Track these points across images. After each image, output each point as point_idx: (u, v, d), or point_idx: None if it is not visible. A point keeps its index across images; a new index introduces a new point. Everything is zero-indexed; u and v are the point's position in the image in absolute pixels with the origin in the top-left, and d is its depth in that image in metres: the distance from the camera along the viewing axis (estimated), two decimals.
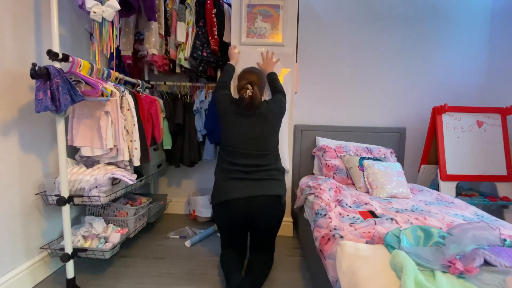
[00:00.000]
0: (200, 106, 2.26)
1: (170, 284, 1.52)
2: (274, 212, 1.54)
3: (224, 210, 1.52)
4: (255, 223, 1.53)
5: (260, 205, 1.49)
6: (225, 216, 1.53)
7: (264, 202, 1.49)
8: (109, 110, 1.49)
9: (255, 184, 1.51)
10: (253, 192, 1.48)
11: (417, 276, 0.79)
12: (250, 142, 1.56)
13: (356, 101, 2.58)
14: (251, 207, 1.48)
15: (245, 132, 1.56)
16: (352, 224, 1.30)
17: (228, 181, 1.54)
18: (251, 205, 1.48)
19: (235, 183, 1.52)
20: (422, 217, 1.36)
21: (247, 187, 1.50)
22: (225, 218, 1.54)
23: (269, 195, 1.50)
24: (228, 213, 1.51)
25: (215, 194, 1.56)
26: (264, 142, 1.58)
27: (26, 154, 1.42)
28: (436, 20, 2.50)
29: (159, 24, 2.03)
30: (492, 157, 2.22)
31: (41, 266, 1.52)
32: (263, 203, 1.49)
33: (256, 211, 1.49)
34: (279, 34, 1.99)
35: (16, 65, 1.35)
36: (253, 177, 1.53)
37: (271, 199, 1.51)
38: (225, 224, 1.58)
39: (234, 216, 1.50)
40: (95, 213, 1.83)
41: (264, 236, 1.61)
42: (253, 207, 1.48)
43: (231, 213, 1.50)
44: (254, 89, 1.53)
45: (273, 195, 1.51)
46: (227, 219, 1.54)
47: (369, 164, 2.01)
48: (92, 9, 1.32)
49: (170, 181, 2.67)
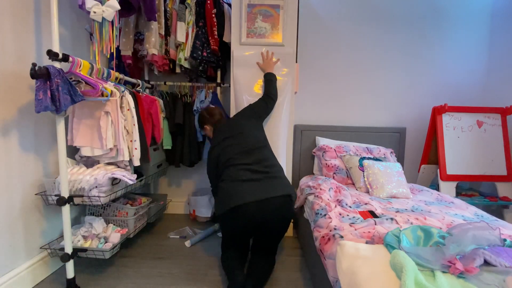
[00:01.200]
0: (200, 106, 2.25)
1: (170, 284, 1.52)
2: (286, 214, 1.43)
3: (235, 217, 1.38)
4: (266, 228, 1.43)
5: (273, 208, 1.37)
6: (236, 224, 1.41)
7: (277, 204, 1.38)
8: (109, 110, 1.49)
9: (263, 185, 1.39)
10: (264, 195, 1.35)
11: (417, 276, 0.79)
12: (238, 147, 1.54)
13: (356, 101, 2.58)
14: (263, 211, 1.35)
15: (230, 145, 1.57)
16: (352, 224, 1.30)
17: (235, 185, 1.40)
18: (264, 209, 1.35)
19: (243, 186, 1.39)
20: (422, 217, 1.36)
21: (257, 188, 1.37)
22: (236, 226, 1.42)
23: (281, 196, 1.39)
24: (239, 221, 1.38)
25: (222, 201, 1.41)
26: (250, 137, 1.59)
27: (26, 154, 1.42)
28: (436, 20, 2.50)
29: (159, 24, 2.03)
30: (492, 157, 2.22)
31: (41, 266, 1.52)
32: (276, 205, 1.37)
33: (268, 215, 1.37)
34: (279, 34, 1.99)
35: (16, 65, 1.35)
36: (258, 177, 1.41)
37: (283, 200, 1.40)
38: (234, 231, 1.48)
39: (245, 224, 1.38)
40: (95, 213, 1.83)
41: (271, 240, 1.54)
42: (266, 211, 1.36)
43: (242, 220, 1.37)
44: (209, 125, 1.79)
45: (285, 195, 1.40)
46: (238, 227, 1.42)
47: (369, 164, 2.01)
48: (92, 9, 1.32)
49: (170, 181, 2.67)
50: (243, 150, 1.52)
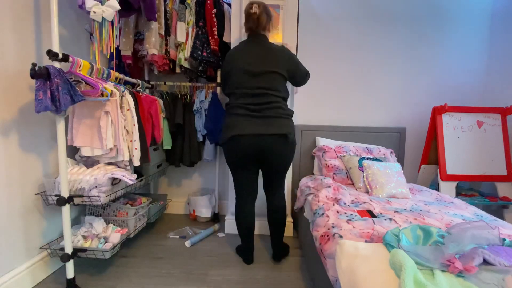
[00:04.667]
0: (200, 106, 2.26)
1: (170, 284, 1.52)
2: (281, 151, 1.56)
3: (234, 145, 1.54)
4: (265, 161, 1.57)
5: (267, 144, 1.52)
6: (236, 152, 1.56)
7: (271, 142, 1.52)
8: (109, 110, 1.50)
9: (261, 122, 1.52)
10: (259, 130, 1.50)
11: (416, 275, 0.79)
12: (254, 80, 1.54)
13: (356, 101, 2.58)
14: (259, 145, 1.51)
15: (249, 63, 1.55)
16: (349, 221, 1.30)
17: (235, 119, 1.55)
18: (259, 143, 1.51)
19: (242, 121, 1.53)
20: (421, 217, 1.36)
21: (254, 124, 1.51)
22: (236, 153, 1.56)
23: (275, 134, 1.52)
24: (239, 148, 1.53)
25: (224, 132, 1.58)
26: (269, 78, 1.55)
27: (26, 154, 1.43)
28: (436, 20, 2.50)
29: (159, 24, 2.03)
30: (492, 157, 2.22)
31: (41, 266, 1.52)
32: (270, 142, 1.52)
33: (264, 149, 1.52)
34: (279, 34, 1.99)
35: (16, 65, 1.36)
36: (259, 115, 1.53)
37: (277, 138, 1.53)
38: (237, 161, 1.59)
39: (245, 152, 1.53)
40: (95, 213, 1.83)
41: (274, 175, 1.65)
42: (262, 145, 1.52)
43: (241, 148, 1.53)
44: (260, 8, 1.57)
45: (279, 134, 1.52)
46: (238, 155, 1.56)
47: (369, 164, 2.01)
48: (92, 9, 1.32)
49: (170, 181, 2.67)
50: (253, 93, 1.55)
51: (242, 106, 1.54)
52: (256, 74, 1.53)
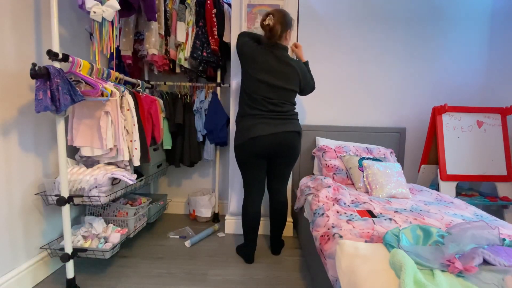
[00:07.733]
0: (200, 106, 2.26)
1: (170, 284, 1.52)
2: (296, 145, 1.70)
3: (249, 147, 1.63)
4: (280, 155, 1.68)
5: (285, 139, 1.64)
6: (249, 153, 1.65)
7: (288, 136, 1.65)
8: (109, 110, 1.50)
9: (278, 123, 1.63)
10: (277, 129, 1.62)
11: (416, 275, 0.79)
12: (272, 92, 1.63)
13: (356, 101, 2.58)
14: (277, 141, 1.63)
15: (269, 75, 1.62)
16: (349, 221, 1.30)
17: (253, 121, 1.63)
18: (277, 139, 1.62)
19: (260, 123, 1.62)
20: (421, 217, 1.36)
21: (272, 125, 1.62)
22: (249, 154, 1.66)
23: (290, 131, 1.65)
24: (253, 149, 1.63)
25: (239, 134, 1.67)
26: (286, 92, 1.66)
27: (26, 154, 1.43)
28: (436, 20, 2.50)
29: (159, 24, 2.03)
30: (492, 157, 2.22)
31: (41, 266, 1.52)
32: (287, 137, 1.65)
33: (282, 143, 1.64)
34: None
35: (16, 65, 1.36)
36: (276, 117, 1.64)
37: (292, 134, 1.66)
38: (248, 160, 1.68)
39: (258, 152, 1.64)
40: (95, 213, 1.83)
41: (286, 168, 1.76)
42: (279, 141, 1.63)
43: (255, 149, 1.63)
44: (274, 19, 1.58)
45: (293, 131, 1.67)
46: (251, 155, 1.65)
47: (369, 164, 2.01)
48: (92, 9, 1.32)
49: (170, 181, 2.67)
50: (270, 102, 1.64)
51: (261, 109, 1.63)
52: (275, 88, 1.63)
